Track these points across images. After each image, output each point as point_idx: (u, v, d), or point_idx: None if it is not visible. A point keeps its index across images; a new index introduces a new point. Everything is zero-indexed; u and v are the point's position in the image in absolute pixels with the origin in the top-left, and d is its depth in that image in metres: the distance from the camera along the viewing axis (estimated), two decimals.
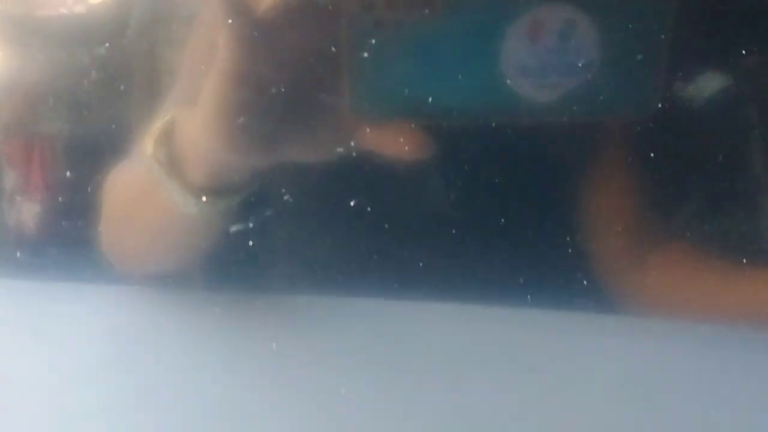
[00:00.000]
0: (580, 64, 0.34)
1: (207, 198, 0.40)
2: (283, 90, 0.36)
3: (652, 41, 0.34)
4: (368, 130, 0.36)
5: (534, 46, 0.34)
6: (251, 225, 0.47)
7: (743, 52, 0.42)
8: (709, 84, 0.44)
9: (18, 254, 0.54)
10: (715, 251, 0.49)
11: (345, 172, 0.42)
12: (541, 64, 0.34)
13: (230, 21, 0.34)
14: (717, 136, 0.47)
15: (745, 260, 0.48)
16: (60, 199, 0.53)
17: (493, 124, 0.36)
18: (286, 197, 0.45)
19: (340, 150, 0.37)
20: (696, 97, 0.44)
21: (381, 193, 0.44)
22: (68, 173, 0.52)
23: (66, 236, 0.52)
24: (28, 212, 0.56)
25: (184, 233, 0.43)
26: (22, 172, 0.55)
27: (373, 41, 0.34)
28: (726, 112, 0.45)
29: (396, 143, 0.36)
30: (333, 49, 0.35)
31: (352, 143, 0.37)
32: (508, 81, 0.35)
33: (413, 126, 0.36)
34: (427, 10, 0.34)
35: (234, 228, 0.46)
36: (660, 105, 0.36)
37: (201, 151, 0.38)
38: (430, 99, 0.36)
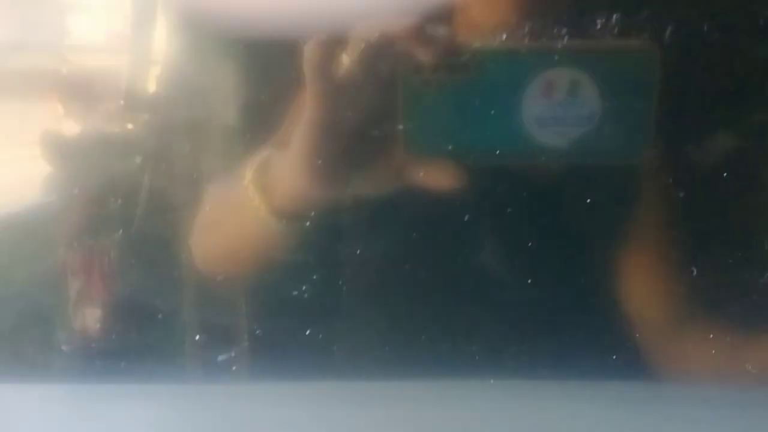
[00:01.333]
0: (584, 116, 0.43)
1: (286, 220, 0.51)
2: (353, 136, 0.46)
3: (642, 97, 0.43)
4: (419, 167, 0.46)
5: (547, 101, 0.43)
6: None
7: (737, 112, 0.49)
8: (715, 142, 0.51)
9: (82, 359, 0.59)
10: (744, 317, 0.51)
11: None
12: (554, 115, 0.43)
13: (316, 84, 0.45)
14: (735, 194, 0.52)
15: None
16: (120, 305, 0.61)
17: (517, 165, 0.46)
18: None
19: (397, 184, 0.47)
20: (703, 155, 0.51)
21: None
22: (126, 280, 0.61)
23: (127, 340, 0.59)
24: (91, 318, 0.61)
25: (263, 245, 0.53)
26: (84, 280, 0.61)
27: (422, 97, 0.45)
28: (732, 170, 0.51)
29: (440, 178, 0.46)
30: (392, 103, 0.45)
31: (407, 179, 0.47)
32: (527, 129, 0.44)
33: (453, 165, 0.46)
34: (463, 73, 0.44)
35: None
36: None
37: (289, 183, 0.49)
38: (466, 143, 0.45)
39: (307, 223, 0.51)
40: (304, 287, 0.53)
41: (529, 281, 0.53)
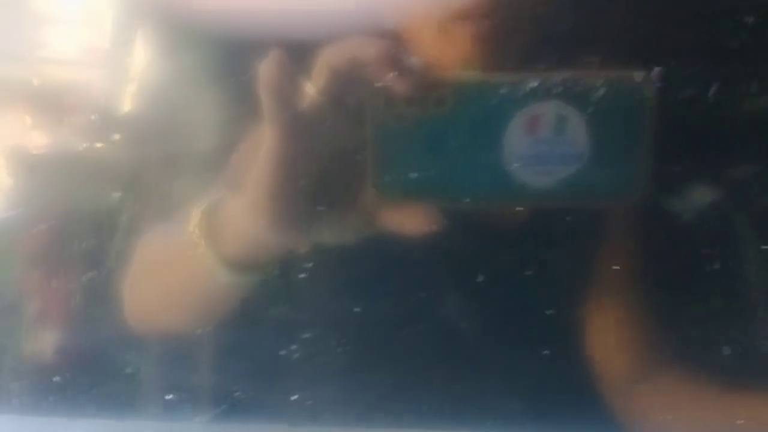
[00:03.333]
0: (572, 154, 0.40)
1: (237, 271, 0.45)
2: (317, 176, 0.41)
3: (635, 135, 0.39)
4: (390, 212, 0.42)
5: (531, 137, 0.39)
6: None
7: (728, 157, 0.47)
8: (697, 189, 0.48)
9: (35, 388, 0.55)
10: (712, 371, 0.50)
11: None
12: (538, 153, 0.40)
13: (273, 111, 0.39)
14: (709, 245, 0.50)
15: (741, 381, 0.49)
16: (77, 328, 0.56)
17: (499, 206, 0.42)
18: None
19: (365, 230, 0.43)
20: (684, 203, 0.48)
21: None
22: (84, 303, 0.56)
23: (84, 367, 0.55)
24: (46, 342, 0.58)
25: (207, 299, 0.48)
26: (41, 302, 0.58)
27: (394, 133, 0.40)
28: (712, 219, 0.48)
29: (413, 224, 0.41)
30: (360, 140, 0.40)
31: (376, 223, 0.42)
32: (510, 168, 0.40)
33: (428, 209, 0.41)
34: (439, 107, 0.40)
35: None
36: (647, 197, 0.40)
37: (242, 228, 0.43)
38: (443, 183, 0.41)
39: (260, 276, 0.46)
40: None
41: (498, 332, 0.50)
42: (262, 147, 0.41)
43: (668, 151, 0.40)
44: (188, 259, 0.46)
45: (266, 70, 0.39)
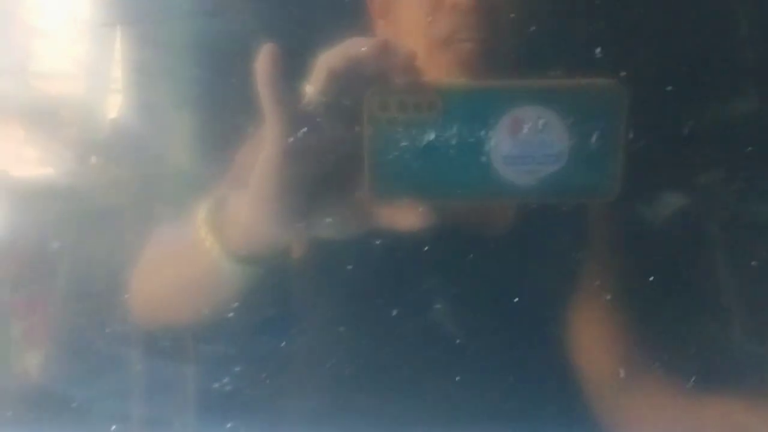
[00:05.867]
0: (552, 155, 0.43)
1: (241, 263, 0.48)
2: (316, 174, 0.44)
3: (611, 136, 0.43)
4: (385, 208, 0.45)
5: (515, 139, 0.43)
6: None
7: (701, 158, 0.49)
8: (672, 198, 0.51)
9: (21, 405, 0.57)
10: (695, 372, 0.51)
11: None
12: (521, 153, 0.43)
13: (274, 113, 0.42)
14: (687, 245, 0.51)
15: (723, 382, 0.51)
16: (63, 349, 0.58)
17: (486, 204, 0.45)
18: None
19: (361, 225, 0.46)
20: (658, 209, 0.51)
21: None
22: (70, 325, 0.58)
23: (68, 387, 0.56)
24: (32, 362, 0.59)
25: (212, 290, 0.51)
26: (27, 323, 0.59)
27: (388, 136, 0.43)
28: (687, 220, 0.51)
29: (407, 220, 0.44)
30: (356, 141, 0.43)
31: (371, 220, 0.45)
32: (496, 168, 0.43)
33: (420, 206, 0.44)
34: (429, 111, 0.43)
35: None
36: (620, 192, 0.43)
37: (246, 223, 0.46)
38: (434, 183, 0.44)
39: (262, 269, 0.49)
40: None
41: (486, 332, 0.52)
42: (264, 145, 0.43)
43: (643, 152, 0.43)
44: (195, 253, 0.49)
45: (262, 64, 0.42)
